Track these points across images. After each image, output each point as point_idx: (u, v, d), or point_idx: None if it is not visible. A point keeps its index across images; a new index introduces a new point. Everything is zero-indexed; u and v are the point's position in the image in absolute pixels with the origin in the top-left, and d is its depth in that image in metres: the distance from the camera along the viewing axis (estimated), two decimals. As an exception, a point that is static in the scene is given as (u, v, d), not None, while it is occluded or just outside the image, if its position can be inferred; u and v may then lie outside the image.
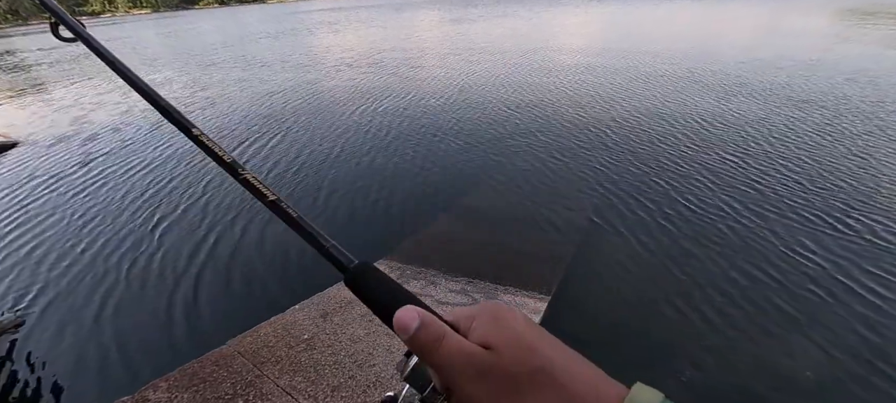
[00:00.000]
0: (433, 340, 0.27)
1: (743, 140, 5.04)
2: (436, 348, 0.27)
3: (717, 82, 7.55)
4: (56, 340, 2.87)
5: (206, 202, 4.50)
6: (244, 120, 7.36)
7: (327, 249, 0.33)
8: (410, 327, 0.27)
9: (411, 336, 0.27)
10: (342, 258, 0.33)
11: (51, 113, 9.23)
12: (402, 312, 0.28)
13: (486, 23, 21.32)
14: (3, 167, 6.11)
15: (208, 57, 16.18)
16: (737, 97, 6.66)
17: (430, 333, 0.27)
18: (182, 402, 1.98)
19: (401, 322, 0.28)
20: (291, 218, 0.35)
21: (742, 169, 4.34)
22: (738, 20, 16.99)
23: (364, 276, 0.32)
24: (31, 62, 19.32)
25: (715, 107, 6.23)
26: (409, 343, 0.28)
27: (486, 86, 8.43)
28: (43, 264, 3.69)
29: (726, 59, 9.35)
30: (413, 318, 0.28)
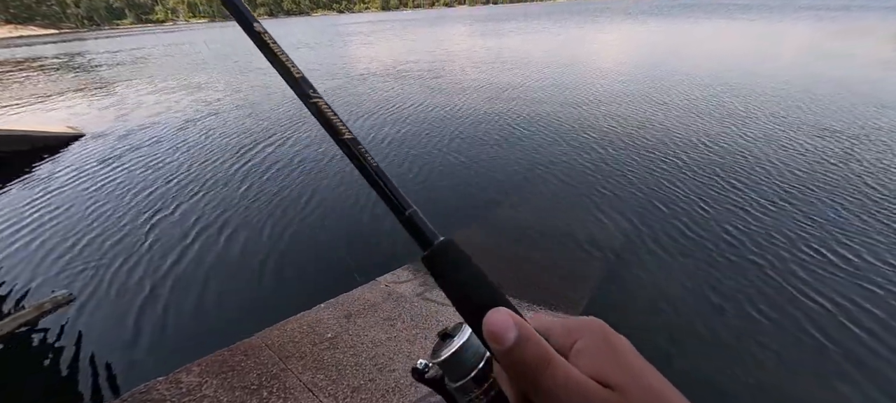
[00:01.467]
0: (536, 361, 0.22)
1: (791, 169, 4.75)
2: (540, 373, 0.22)
3: (764, 105, 7.19)
4: (101, 318, 3.08)
5: (246, 200, 4.73)
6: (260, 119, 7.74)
7: (408, 216, 0.28)
8: (506, 338, 0.22)
9: (507, 349, 0.22)
10: (425, 230, 0.28)
11: (114, 109, 10.07)
12: (496, 316, 0.23)
13: (516, 37, 21.44)
14: (68, 156, 6.71)
15: (251, 61, 17.20)
16: (786, 123, 6.30)
17: (533, 352, 0.22)
18: (211, 387, 2.06)
19: (495, 329, 0.23)
20: (371, 175, 0.30)
21: (790, 198, 4.09)
22: (781, 39, 16.18)
23: (448, 257, 0.27)
24: (100, 63, 21.22)
25: (760, 131, 5.92)
26: (501, 359, 0.23)
27: (514, 99, 8.43)
28: (95, 246, 3.99)
29: (774, 81, 8.89)
30: (509, 327, 0.23)
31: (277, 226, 4.14)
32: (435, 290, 2.80)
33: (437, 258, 0.27)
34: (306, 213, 4.39)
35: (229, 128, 7.67)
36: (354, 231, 4.04)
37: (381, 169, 0.29)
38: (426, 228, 0.28)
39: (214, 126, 7.95)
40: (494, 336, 0.23)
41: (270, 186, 5.06)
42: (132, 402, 1.99)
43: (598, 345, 0.24)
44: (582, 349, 0.24)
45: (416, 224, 0.28)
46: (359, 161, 0.29)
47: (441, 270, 0.27)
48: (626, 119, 6.88)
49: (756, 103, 7.37)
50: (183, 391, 2.06)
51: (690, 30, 21.21)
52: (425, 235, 0.28)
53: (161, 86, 13.02)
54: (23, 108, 10.87)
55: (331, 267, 3.42)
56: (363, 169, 0.29)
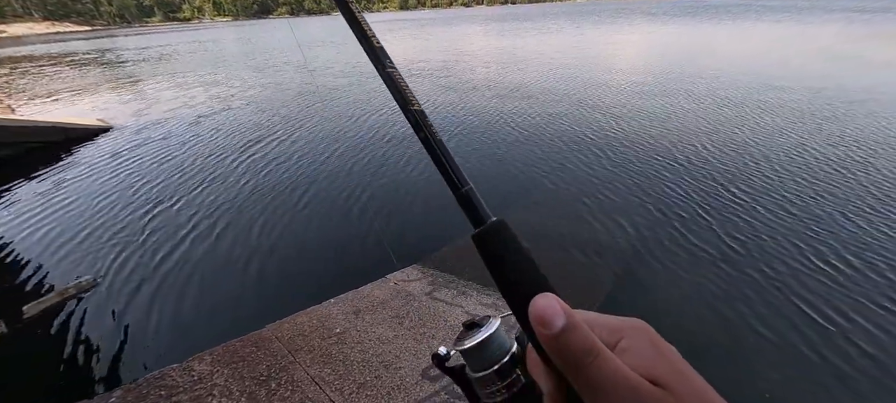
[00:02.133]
0: (584, 351, 0.21)
1: (821, 181, 4.55)
2: (587, 363, 0.21)
3: (791, 110, 6.92)
4: (121, 304, 3.19)
5: (262, 195, 4.83)
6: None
7: (465, 193, 0.28)
8: (554, 323, 0.22)
9: (554, 335, 0.22)
10: (479, 208, 0.28)
11: (140, 103, 10.44)
12: (544, 300, 0.23)
13: (534, 37, 21.21)
14: (97, 147, 6.98)
15: (278, 58, 17.53)
16: (811, 128, 6.05)
17: (582, 341, 0.22)
18: (222, 376, 2.11)
19: (543, 312, 0.22)
20: (433, 148, 0.30)
21: (811, 208, 3.92)
22: (810, 42, 15.53)
23: (500, 236, 0.27)
24: (129, 59, 22.02)
25: (786, 138, 5.70)
26: (547, 345, 0.22)
27: (533, 102, 8.35)
28: (119, 234, 4.14)
29: (800, 84, 8.55)
30: (558, 313, 0.22)
31: (291, 221, 4.21)
32: (443, 290, 2.80)
33: (488, 236, 0.27)
34: (320, 209, 4.45)
35: (248, 124, 7.84)
36: (366, 228, 4.08)
37: (444, 144, 0.29)
38: (480, 206, 0.28)
39: (234, 121, 8.15)
40: (542, 321, 0.22)
41: (286, 183, 5.15)
42: (147, 387, 2.06)
43: (645, 345, 0.23)
44: (628, 347, 0.23)
45: (472, 201, 0.28)
46: (424, 132, 0.30)
47: (491, 249, 0.27)
48: (645, 127, 6.73)
49: (789, 113, 7.10)
50: (195, 379, 2.11)
51: (722, 31, 20.60)
52: (478, 213, 0.28)
53: (185, 81, 13.43)
54: (57, 101, 11.38)
55: (341, 263, 3.46)
56: (427, 141, 0.30)
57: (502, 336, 0.33)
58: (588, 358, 0.21)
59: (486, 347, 0.32)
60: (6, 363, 2.72)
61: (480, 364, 0.32)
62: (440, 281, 2.93)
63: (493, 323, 0.34)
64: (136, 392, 2.03)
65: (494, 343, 0.32)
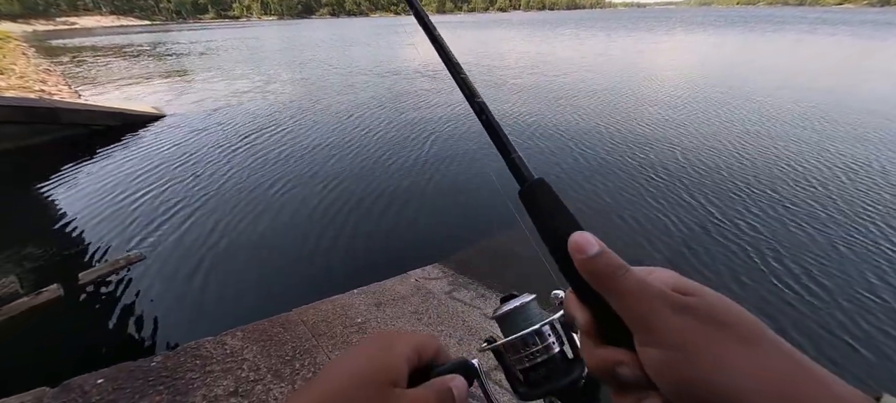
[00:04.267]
0: (615, 267, 0.26)
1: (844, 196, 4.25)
2: (617, 275, 0.25)
3: (841, 127, 6.47)
4: (164, 278, 3.44)
5: (298, 186, 5.06)
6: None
7: (512, 158, 0.33)
8: (590, 248, 0.26)
9: (589, 258, 0.26)
10: (523, 169, 0.33)
11: (192, 93, 11.15)
12: (580, 234, 0.27)
13: (558, 43, 20.89)
14: (151, 133, 7.53)
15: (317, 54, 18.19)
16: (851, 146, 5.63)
17: (613, 261, 0.26)
18: (252, 352, 2.25)
19: (579, 242, 0.27)
20: (491, 127, 0.35)
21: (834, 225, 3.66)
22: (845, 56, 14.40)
23: (541, 192, 0.31)
24: (183, 52, 23.52)
25: (835, 157, 5.34)
26: (583, 269, 0.27)
27: (560, 107, 8.25)
28: (167, 213, 4.46)
29: (847, 101, 7.97)
30: (592, 242, 0.27)
31: (321, 213, 4.39)
32: (463, 291, 2.84)
33: (534, 189, 0.32)
34: (348, 203, 4.60)
35: (289, 117, 8.21)
36: (392, 224, 4.19)
37: (499, 124, 0.34)
38: (525, 168, 0.33)
39: (276, 114, 8.56)
40: (579, 247, 0.27)
41: (320, 176, 5.36)
42: (184, 355, 2.22)
43: (670, 274, 0.27)
44: (657, 279, 0.27)
45: (518, 164, 0.33)
46: (486, 116, 0.35)
47: (534, 200, 0.31)
48: (676, 139, 6.50)
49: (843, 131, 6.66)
50: (227, 352, 2.26)
51: (758, 43, 19.51)
52: (523, 174, 0.32)
53: (232, 75, 14.21)
54: (118, 88, 12.33)
55: (366, 256, 3.58)
56: (488, 123, 0.35)
57: (534, 310, 0.38)
58: (620, 272, 0.25)
59: (516, 314, 0.37)
60: (61, 323, 3.00)
61: (510, 331, 0.37)
62: (460, 282, 2.98)
63: (527, 297, 0.39)
64: (175, 359, 2.20)
65: (523, 314, 0.37)
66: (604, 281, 0.26)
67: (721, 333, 0.23)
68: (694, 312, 0.24)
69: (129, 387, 1.97)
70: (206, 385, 1.99)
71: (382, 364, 0.29)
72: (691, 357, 0.22)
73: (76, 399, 1.90)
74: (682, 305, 0.24)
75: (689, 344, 0.23)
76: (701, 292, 0.25)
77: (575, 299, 0.29)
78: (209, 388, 1.98)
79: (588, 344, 0.28)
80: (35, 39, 39.38)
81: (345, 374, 0.29)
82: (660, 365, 0.23)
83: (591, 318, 0.28)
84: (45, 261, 3.77)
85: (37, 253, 3.89)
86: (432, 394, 0.30)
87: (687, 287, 0.26)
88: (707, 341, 0.23)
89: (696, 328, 0.23)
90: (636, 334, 0.25)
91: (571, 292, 0.29)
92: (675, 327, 0.23)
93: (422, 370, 0.33)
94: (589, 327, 0.28)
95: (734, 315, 0.24)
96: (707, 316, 0.23)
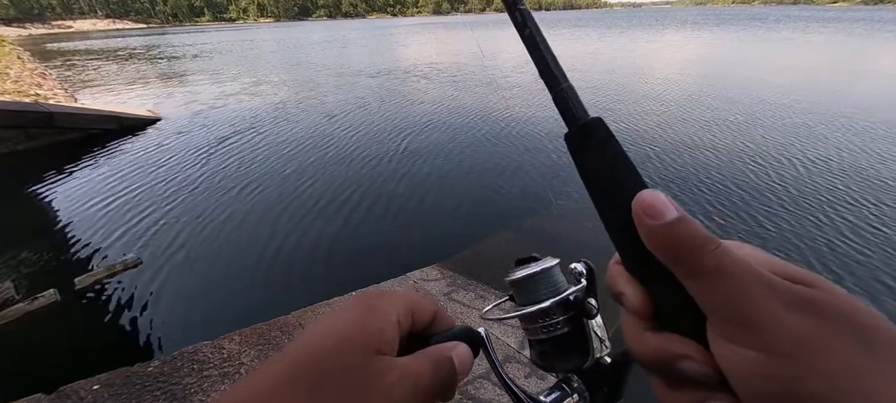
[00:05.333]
0: (702, 240, 0.20)
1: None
2: (704, 250, 0.20)
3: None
4: (161, 283, 3.42)
5: (295, 188, 5.05)
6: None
7: (562, 89, 0.26)
8: (664, 214, 0.20)
9: (665, 224, 0.20)
10: (575, 105, 0.25)
11: (188, 96, 11.11)
12: (651, 195, 0.21)
13: (567, 43, 20.92)
14: (147, 136, 7.50)
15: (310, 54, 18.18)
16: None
17: (697, 231, 0.20)
18: (249, 356, 2.23)
19: (651, 203, 0.21)
20: (536, 47, 0.27)
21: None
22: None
23: (598, 135, 0.25)
24: (179, 55, 23.46)
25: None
26: (655, 237, 0.21)
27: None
28: (163, 217, 4.43)
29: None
30: (667, 206, 0.20)
31: (319, 215, 4.38)
32: (461, 292, 2.84)
33: (587, 130, 0.25)
34: (346, 205, 4.59)
35: (284, 119, 8.19)
36: (390, 225, 4.18)
37: (547, 42, 0.27)
38: (577, 104, 0.26)
39: (271, 116, 8.54)
40: (652, 209, 0.21)
41: (318, 177, 5.35)
42: (181, 360, 2.21)
43: (761, 254, 0.22)
44: (746, 254, 0.22)
45: (568, 98, 0.26)
46: (529, 30, 0.27)
47: (586, 144, 0.25)
48: (690, 140, 6.51)
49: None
50: (224, 356, 2.24)
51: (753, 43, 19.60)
52: (574, 111, 0.25)
53: (230, 77, 14.17)
54: (114, 91, 12.29)
55: (364, 257, 3.57)
56: (530, 38, 0.27)
57: (556, 278, 0.34)
58: (709, 246, 0.20)
59: (532, 280, 0.33)
60: (58, 328, 2.97)
61: (526, 299, 0.34)
62: (458, 283, 2.97)
63: (546, 262, 0.34)
64: (172, 364, 2.18)
65: (542, 281, 0.33)
66: (682, 255, 0.20)
67: (852, 341, 0.17)
68: (816, 309, 0.18)
69: (125, 393, 1.95)
70: (203, 390, 1.98)
71: (365, 327, 0.25)
72: (809, 369, 0.17)
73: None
74: (802, 298, 0.18)
75: (809, 352, 0.17)
76: (820, 283, 0.19)
77: (623, 273, 0.24)
78: (206, 393, 1.96)
79: (636, 328, 0.23)
80: (30, 43, 39.23)
81: (320, 339, 0.24)
82: (755, 374, 0.18)
83: (646, 298, 0.23)
84: (40, 266, 3.75)
85: (32, 258, 3.86)
86: (428, 364, 0.25)
87: (796, 274, 0.20)
88: (834, 350, 0.17)
89: (819, 330, 0.18)
90: (721, 326, 0.19)
91: (618, 263, 0.24)
92: (790, 327, 0.18)
93: (418, 335, 0.29)
94: (642, 308, 0.23)
95: (868, 317, 0.18)
96: (836, 315, 0.18)
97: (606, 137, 0.24)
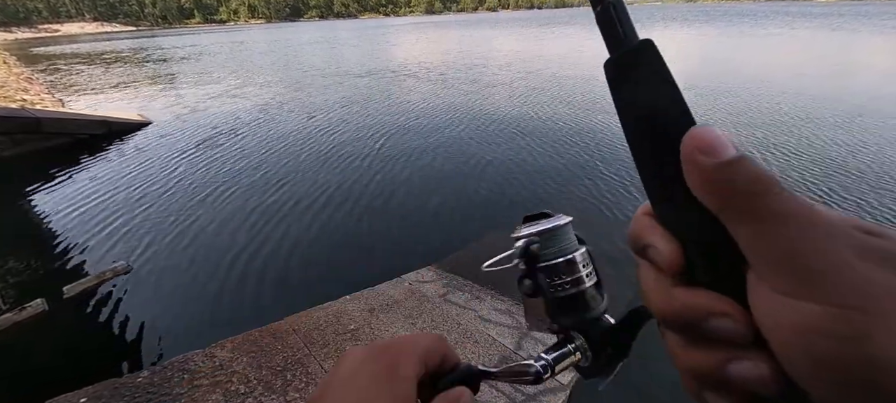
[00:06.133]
0: (767, 181, 0.17)
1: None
2: (770, 192, 0.17)
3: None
4: (151, 290, 3.37)
5: (287, 191, 4.99)
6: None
7: (608, 5, 0.21)
8: (722, 152, 0.18)
9: (723, 163, 0.18)
10: (624, 23, 0.21)
11: (179, 100, 10.97)
12: (707, 131, 0.19)
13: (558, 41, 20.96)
14: (137, 140, 7.39)
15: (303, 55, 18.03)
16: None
17: (760, 171, 0.18)
18: (241, 364, 2.20)
19: (707, 139, 0.18)
20: None
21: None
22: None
23: (646, 61, 0.21)
24: (169, 57, 23.19)
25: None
26: (709, 177, 0.18)
27: (573, 112, 8.26)
28: (154, 222, 4.37)
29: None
30: (725, 144, 0.18)
31: (311, 219, 4.33)
32: (457, 293, 2.82)
33: (637, 57, 0.21)
34: (339, 207, 4.55)
35: (275, 122, 8.12)
36: (384, 227, 4.15)
37: None
38: (626, 22, 0.22)
39: (262, 119, 8.46)
40: (708, 145, 0.18)
41: (310, 180, 5.30)
42: (172, 370, 2.16)
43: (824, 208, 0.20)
44: None
45: (615, 16, 0.21)
46: None
47: (631, 73, 0.21)
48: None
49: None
50: (216, 364, 2.21)
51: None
52: (621, 30, 0.21)
53: (221, 80, 14.03)
54: (102, 95, 12.11)
55: (358, 260, 3.53)
56: None
57: (565, 237, 0.34)
58: (774, 188, 0.17)
59: (547, 239, 0.33)
60: (46, 338, 2.91)
61: (530, 258, 0.33)
62: (454, 284, 2.95)
63: (558, 219, 0.34)
64: (162, 374, 2.14)
65: (551, 239, 0.33)
66: (740, 198, 0.18)
67: None
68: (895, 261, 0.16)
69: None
70: (194, 400, 1.94)
71: (391, 397, 0.25)
72: (884, 326, 0.15)
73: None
74: (879, 248, 0.16)
75: (885, 306, 0.15)
76: None
77: (654, 224, 0.22)
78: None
79: (663, 285, 0.21)
80: (16, 48, 38.59)
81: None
82: (817, 327, 0.16)
83: (679, 251, 0.21)
84: (28, 275, 3.68)
85: (20, 266, 3.79)
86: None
87: (872, 228, 0.18)
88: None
89: None
90: (774, 279, 0.17)
91: (646, 213, 0.22)
92: (865, 276, 0.16)
93: (428, 380, 0.30)
94: (675, 261, 0.21)
95: None
96: None
97: (657, 65, 0.21)
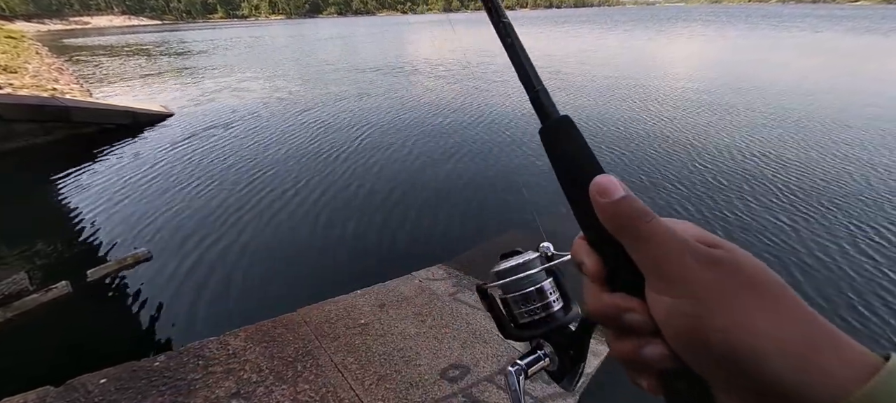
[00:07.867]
0: (640, 212, 0.24)
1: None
2: (642, 220, 0.24)
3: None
4: (170, 277, 3.46)
5: (304, 185, 5.06)
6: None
7: (537, 92, 0.30)
8: (613, 193, 0.25)
9: (613, 201, 0.25)
10: (548, 104, 0.30)
11: (201, 92, 11.24)
12: (605, 179, 0.26)
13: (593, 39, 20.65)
14: (160, 132, 7.60)
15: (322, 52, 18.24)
16: None
17: (639, 206, 0.25)
18: (254, 353, 2.24)
19: (603, 185, 0.25)
20: (516, 54, 0.31)
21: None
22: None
23: (565, 131, 0.29)
24: (192, 51, 23.76)
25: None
26: (605, 212, 0.25)
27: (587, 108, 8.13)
28: (174, 211, 4.49)
29: None
30: (616, 187, 0.25)
31: (327, 213, 4.38)
32: (466, 292, 2.81)
33: (558, 127, 0.29)
34: (356, 204, 4.59)
35: (294, 116, 8.24)
36: (396, 225, 4.16)
37: (526, 50, 0.31)
38: (550, 103, 0.30)
39: (282, 112, 8.60)
40: (604, 190, 0.25)
41: (327, 175, 5.36)
42: (187, 355, 2.22)
43: (692, 227, 0.27)
44: (679, 228, 0.26)
45: (542, 99, 0.30)
46: (511, 39, 0.31)
47: (557, 139, 0.29)
48: (705, 139, 6.38)
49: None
50: (230, 352, 2.25)
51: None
52: (546, 109, 0.30)
53: (241, 73, 14.31)
54: (128, 87, 12.49)
55: (370, 256, 3.56)
56: (512, 47, 0.31)
57: (532, 269, 0.40)
58: (645, 217, 0.24)
59: (512, 272, 0.40)
60: (69, 319, 3.02)
61: (509, 288, 0.40)
62: (464, 283, 2.94)
63: (527, 255, 0.41)
64: (178, 359, 2.19)
65: (520, 272, 0.39)
66: (626, 226, 0.25)
67: (745, 291, 0.22)
68: (719, 265, 0.23)
69: (131, 388, 1.97)
70: (207, 386, 1.99)
71: None
72: (711, 311, 0.22)
73: (79, 399, 1.90)
74: (708, 256, 0.23)
75: (710, 297, 0.22)
76: (728, 246, 0.24)
77: (585, 245, 0.29)
78: (211, 390, 1.97)
79: (594, 291, 0.28)
80: (49, 39, 40.12)
81: None
82: (674, 314, 0.23)
83: (600, 264, 0.27)
84: (54, 258, 3.82)
85: (47, 249, 3.94)
86: None
87: (713, 240, 0.25)
88: (729, 296, 0.22)
89: (719, 281, 0.22)
90: (652, 281, 0.24)
91: (582, 238, 0.29)
92: (697, 278, 0.23)
93: None
94: (597, 273, 0.28)
95: (760, 273, 0.23)
96: (733, 270, 0.23)
97: (572, 132, 0.29)
